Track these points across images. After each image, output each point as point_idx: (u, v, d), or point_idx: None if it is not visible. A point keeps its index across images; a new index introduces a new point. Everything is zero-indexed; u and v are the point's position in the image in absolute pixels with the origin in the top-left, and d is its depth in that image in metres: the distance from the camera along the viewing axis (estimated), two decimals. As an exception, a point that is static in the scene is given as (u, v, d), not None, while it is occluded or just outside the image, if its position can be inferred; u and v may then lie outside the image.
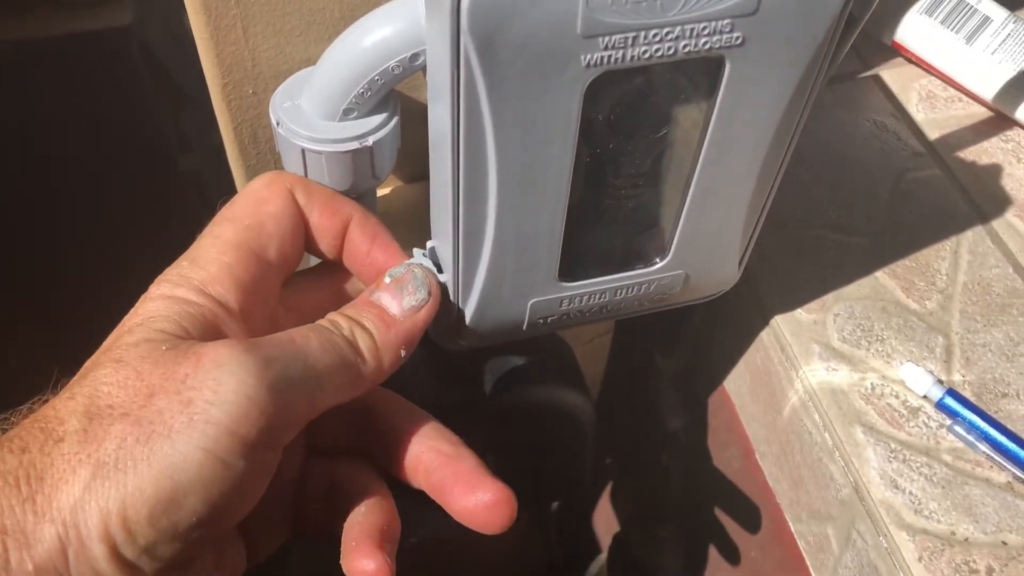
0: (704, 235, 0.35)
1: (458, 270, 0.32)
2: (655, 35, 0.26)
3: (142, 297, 0.29)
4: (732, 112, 0.30)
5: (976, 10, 0.52)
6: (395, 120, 0.35)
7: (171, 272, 0.30)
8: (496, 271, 0.32)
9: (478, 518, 0.30)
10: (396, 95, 0.35)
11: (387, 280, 0.32)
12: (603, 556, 0.76)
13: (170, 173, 0.91)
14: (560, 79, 0.26)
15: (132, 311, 0.29)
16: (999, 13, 0.52)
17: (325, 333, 0.29)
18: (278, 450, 0.27)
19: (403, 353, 0.31)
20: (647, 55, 0.26)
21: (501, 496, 0.30)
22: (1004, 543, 0.37)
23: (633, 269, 0.35)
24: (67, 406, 0.26)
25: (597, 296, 0.36)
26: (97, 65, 0.82)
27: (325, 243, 0.33)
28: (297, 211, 0.32)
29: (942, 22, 0.53)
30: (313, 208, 0.32)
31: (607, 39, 0.26)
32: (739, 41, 0.27)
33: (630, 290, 0.36)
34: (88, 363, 0.27)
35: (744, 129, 0.31)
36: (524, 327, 0.36)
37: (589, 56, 0.26)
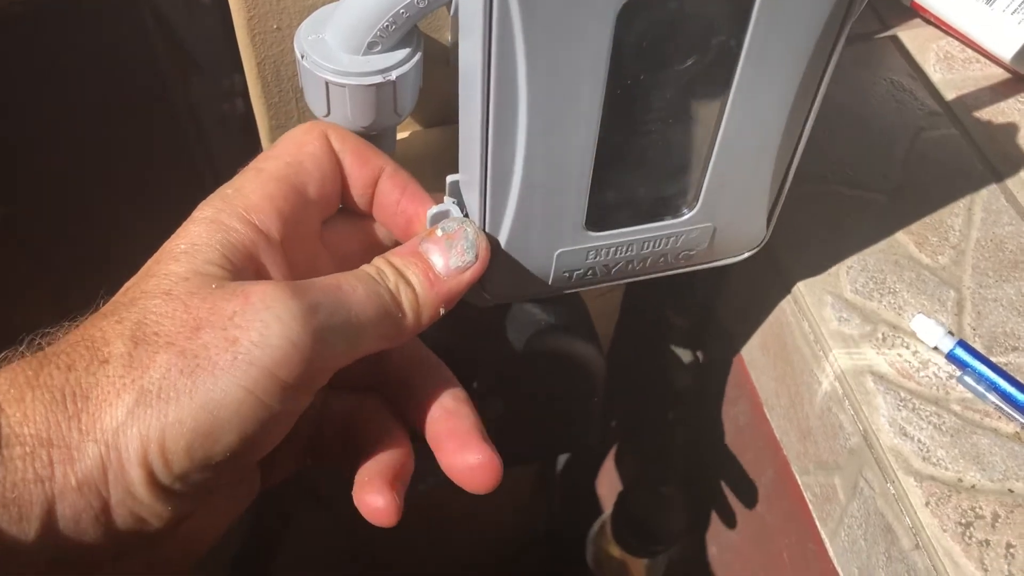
0: (733, 183, 0.35)
1: (485, 213, 0.32)
2: None
3: (187, 220, 0.29)
4: (762, 45, 0.30)
5: (997, -30, 0.52)
6: (418, 56, 0.35)
7: (215, 198, 0.30)
8: (524, 213, 0.32)
9: (464, 477, 0.31)
10: (419, 31, 0.36)
11: (439, 233, 0.31)
12: (607, 515, 0.77)
13: (178, 139, 0.91)
14: (593, 1, 0.26)
15: (175, 234, 0.29)
16: (1020, -26, 0.52)
17: (371, 284, 0.29)
18: (312, 393, 0.28)
19: (442, 311, 0.31)
20: None
21: (488, 460, 0.31)
22: (1010, 491, 0.38)
23: (661, 220, 0.35)
24: (114, 329, 0.26)
25: (624, 249, 0.35)
26: (108, 30, 0.82)
27: (357, 191, 0.33)
28: (334, 155, 0.32)
29: (962, -18, 0.53)
30: (345, 154, 0.32)
31: None
32: None
33: (657, 243, 0.36)
34: (132, 286, 0.28)
35: (774, 64, 0.31)
36: (550, 280, 0.35)
37: None
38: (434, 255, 0.31)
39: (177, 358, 0.25)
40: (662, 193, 0.35)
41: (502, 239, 0.33)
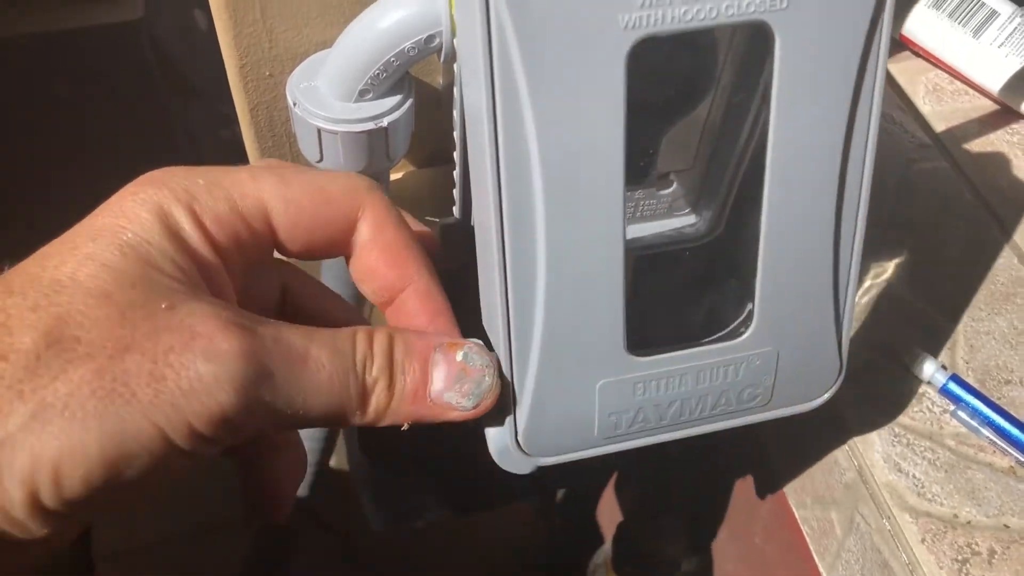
0: (789, 291, 0.31)
1: (510, 334, 0.29)
2: None
3: (132, 189, 0.26)
4: (792, 98, 0.27)
5: (983, 3, 0.53)
6: (410, 102, 0.35)
7: (182, 180, 0.26)
8: (553, 326, 0.29)
9: None
10: (411, 78, 0.36)
11: (459, 357, 0.28)
12: (607, 546, 0.77)
13: (177, 164, 0.92)
14: (599, 44, 0.25)
15: (118, 206, 0.25)
16: (1006, 7, 0.52)
17: (344, 369, 0.26)
18: (223, 447, 0.26)
19: (405, 427, 0.28)
20: (688, 16, 0.25)
21: None
22: (1006, 526, 0.38)
23: (715, 343, 0.31)
24: (25, 316, 0.22)
25: (676, 381, 0.31)
26: (108, 59, 0.83)
27: (369, 288, 0.29)
28: (348, 230, 0.28)
29: (950, 15, 0.53)
30: (372, 249, 0.28)
31: None
32: (784, 5, 0.26)
33: (714, 375, 0.31)
34: (59, 258, 0.24)
35: (810, 122, 0.28)
36: (595, 428, 0.31)
37: (627, 17, 0.25)
38: (438, 374, 0.27)
39: (93, 376, 0.22)
40: (711, 304, 0.32)
41: (533, 364, 0.29)
